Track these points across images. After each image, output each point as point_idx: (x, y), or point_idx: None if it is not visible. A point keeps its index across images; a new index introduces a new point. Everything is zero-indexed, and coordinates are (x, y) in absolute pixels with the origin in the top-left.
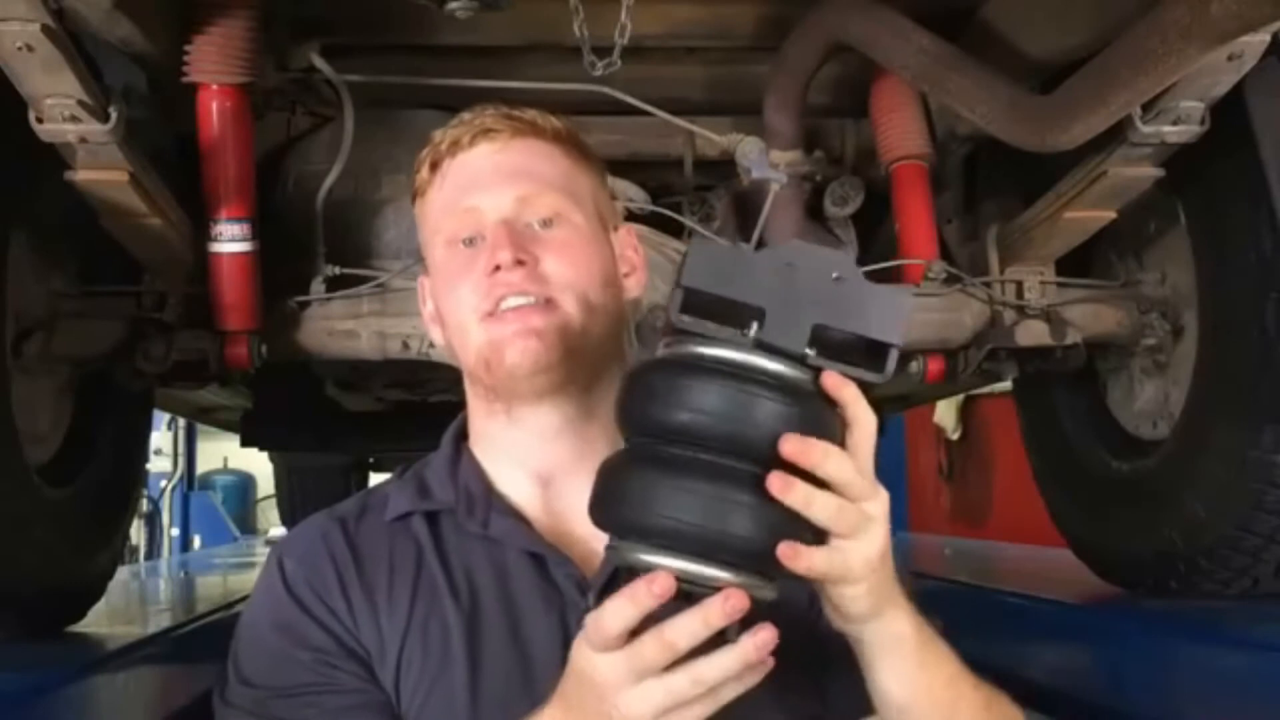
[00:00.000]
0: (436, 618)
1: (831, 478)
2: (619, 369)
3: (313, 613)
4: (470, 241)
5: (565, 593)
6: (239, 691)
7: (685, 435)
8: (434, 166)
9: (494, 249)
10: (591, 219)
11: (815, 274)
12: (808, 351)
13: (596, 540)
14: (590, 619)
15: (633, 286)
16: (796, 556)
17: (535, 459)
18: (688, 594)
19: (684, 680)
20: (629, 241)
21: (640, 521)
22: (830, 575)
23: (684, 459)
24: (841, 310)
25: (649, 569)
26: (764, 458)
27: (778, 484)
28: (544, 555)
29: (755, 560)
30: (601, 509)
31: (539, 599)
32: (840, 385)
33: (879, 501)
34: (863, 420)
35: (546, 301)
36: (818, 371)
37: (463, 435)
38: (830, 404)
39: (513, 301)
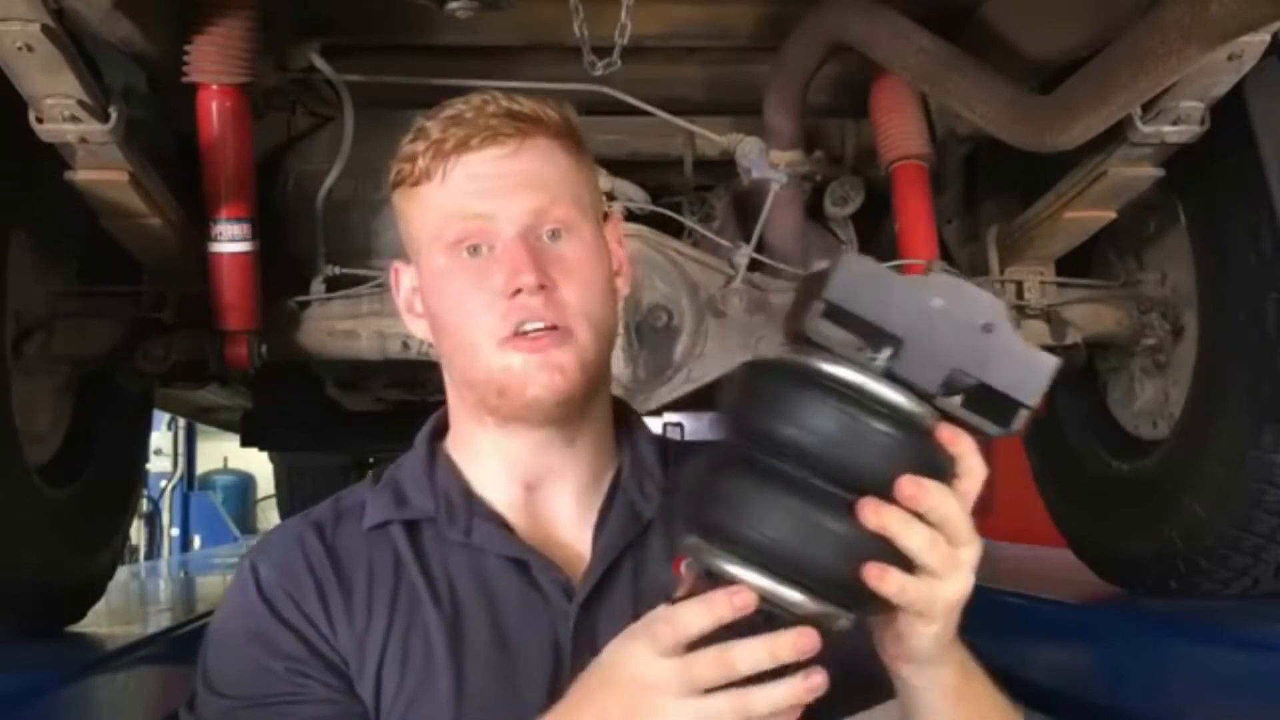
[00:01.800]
0: (418, 627)
1: (940, 519)
2: (607, 374)
3: (287, 620)
4: (476, 250)
5: (551, 598)
6: (206, 701)
7: (789, 450)
8: (434, 159)
9: (515, 270)
10: (593, 222)
11: (962, 316)
12: (936, 392)
13: (581, 545)
14: (663, 616)
15: (622, 285)
16: (884, 577)
17: (522, 467)
18: (767, 614)
19: (729, 704)
20: (614, 234)
21: (730, 529)
22: (914, 606)
23: (784, 475)
24: (982, 360)
25: (730, 579)
26: (867, 489)
27: (870, 510)
28: (528, 561)
29: (839, 589)
30: (691, 504)
31: (524, 605)
32: (955, 439)
33: (974, 549)
34: (975, 472)
35: (564, 329)
36: (939, 413)
37: (437, 435)
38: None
39: (530, 326)
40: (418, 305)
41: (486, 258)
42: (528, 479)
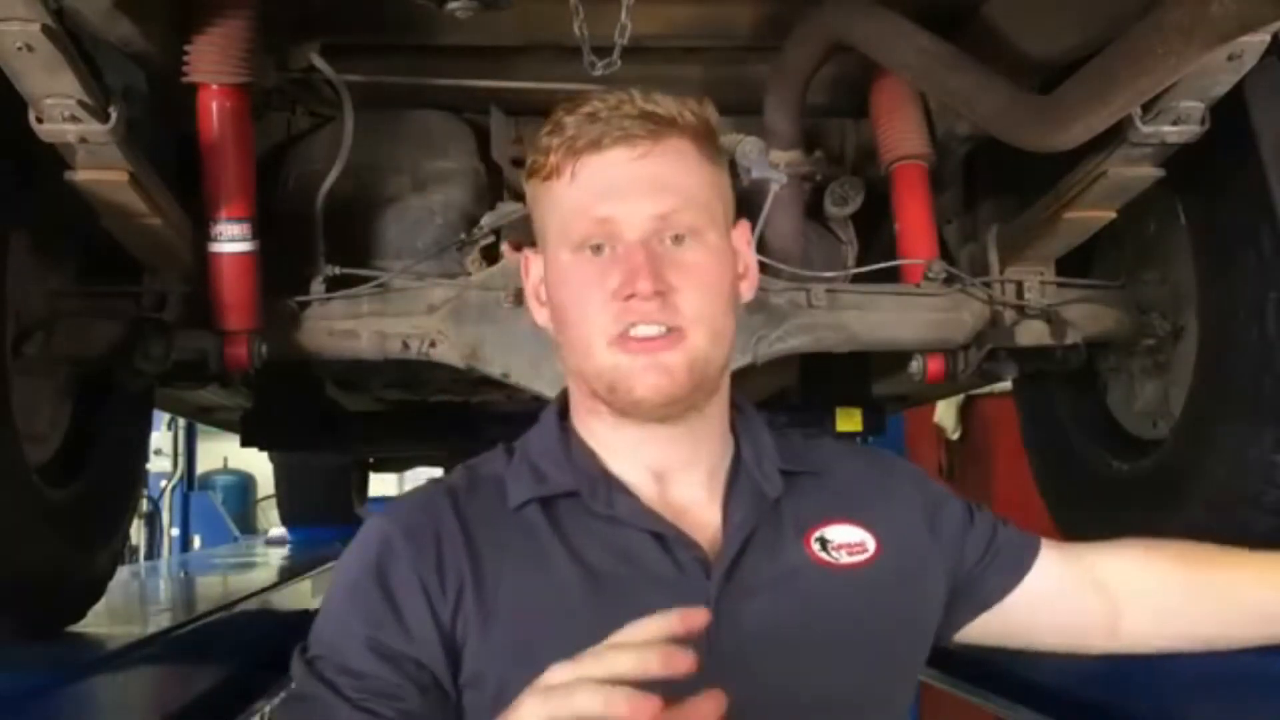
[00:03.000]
0: (554, 589)
1: None
2: (727, 370)
3: (390, 588)
4: (598, 249)
5: (689, 572)
6: (311, 643)
7: None
8: (565, 156)
9: (632, 275)
10: (721, 229)
11: None
12: None
13: (713, 525)
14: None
15: (746, 290)
16: None
17: (646, 456)
18: None
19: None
20: (744, 237)
21: None
22: None
23: None
24: None
25: None
26: None
27: None
28: (666, 535)
29: None
30: None
31: (662, 578)
32: None
33: None
34: None
35: (677, 331)
36: None
37: (563, 414)
38: None
39: (643, 330)
40: (543, 294)
41: (607, 258)
42: (654, 468)
